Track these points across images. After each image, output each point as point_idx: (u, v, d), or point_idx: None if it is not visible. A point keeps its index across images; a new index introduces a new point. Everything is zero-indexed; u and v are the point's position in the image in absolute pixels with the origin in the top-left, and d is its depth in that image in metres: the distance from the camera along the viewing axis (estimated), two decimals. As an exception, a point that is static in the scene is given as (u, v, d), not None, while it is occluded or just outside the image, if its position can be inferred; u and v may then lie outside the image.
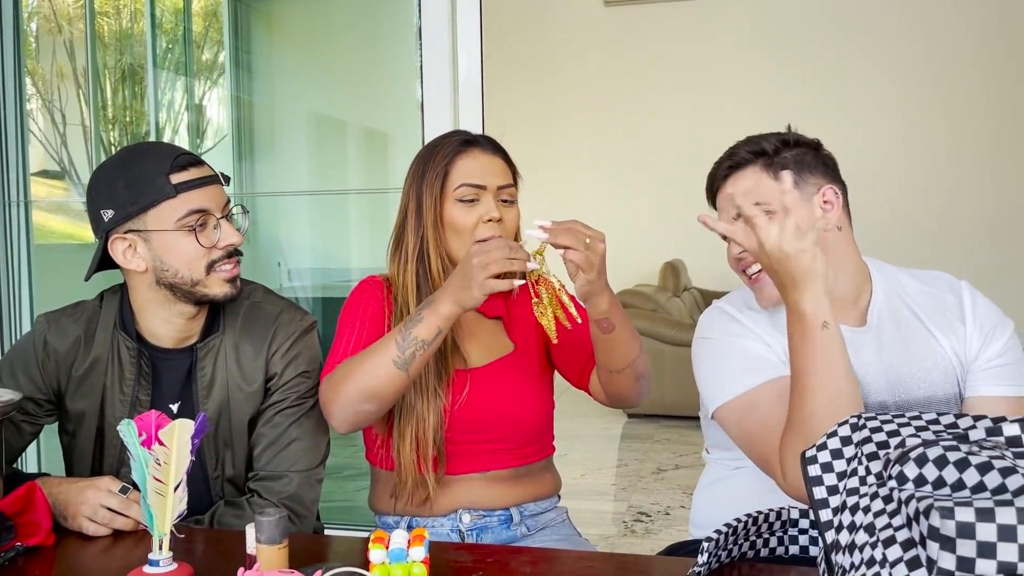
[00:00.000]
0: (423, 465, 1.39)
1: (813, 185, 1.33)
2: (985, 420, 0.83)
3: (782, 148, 1.35)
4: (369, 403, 1.27)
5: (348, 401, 1.27)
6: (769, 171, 1.33)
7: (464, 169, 1.41)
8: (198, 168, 1.33)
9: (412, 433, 1.38)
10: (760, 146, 1.35)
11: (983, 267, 6.51)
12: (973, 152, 6.58)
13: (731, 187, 1.36)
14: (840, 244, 1.33)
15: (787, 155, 1.34)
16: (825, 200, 1.33)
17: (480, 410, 1.42)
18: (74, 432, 1.40)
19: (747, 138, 1.39)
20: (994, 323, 1.34)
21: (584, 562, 1.12)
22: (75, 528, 1.22)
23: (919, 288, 1.38)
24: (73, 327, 1.39)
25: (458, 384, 1.42)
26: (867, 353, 1.32)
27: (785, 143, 1.35)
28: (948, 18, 6.53)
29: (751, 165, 1.35)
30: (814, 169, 1.34)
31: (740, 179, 1.35)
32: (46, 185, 3.65)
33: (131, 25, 3.80)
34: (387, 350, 1.26)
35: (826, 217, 1.31)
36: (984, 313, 1.35)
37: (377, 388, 1.26)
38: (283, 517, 0.99)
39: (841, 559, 0.85)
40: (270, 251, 3.54)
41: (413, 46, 2.31)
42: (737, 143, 1.39)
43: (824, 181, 1.34)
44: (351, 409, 1.28)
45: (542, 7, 7.20)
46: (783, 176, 1.26)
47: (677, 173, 7.04)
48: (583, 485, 3.91)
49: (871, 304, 1.35)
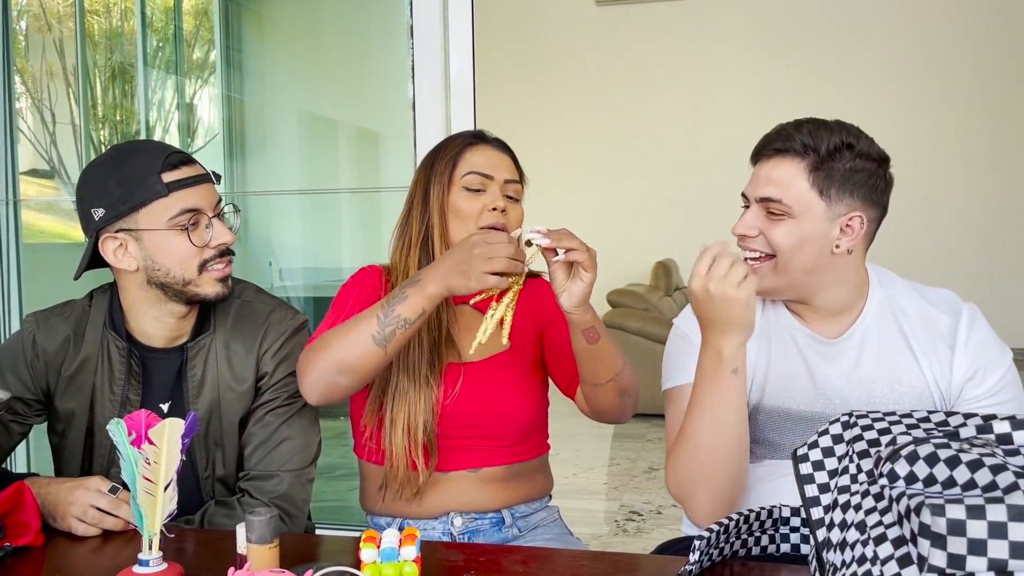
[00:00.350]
0: (413, 452, 1.38)
1: (845, 206, 1.25)
2: (975, 418, 0.84)
3: (839, 154, 1.25)
4: (343, 376, 1.25)
5: (323, 371, 1.26)
6: (811, 175, 1.24)
7: (473, 160, 1.44)
8: (190, 167, 1.33)
9: (404, 421, 1.38)
10: (818, 143, 1.25)
11: (984, 267, 6.55)
12: (970, 151, 6.61)
13: (768, 168, 1.28)
14: (842, 266, 1.28)
15: (839, 164, 1.24)
16: (848, 225, 1.26)
17: (472, 405, 1.42)
18: (63, 432, 1.39)
19: (814, 122, 1.28)
20: (989, 358, 1.28)
21: (575, 561, 1.12)
22: (64, 528, 1.21)
23: (917, 307, 1.33)
24: (62, 326, 1.38)
25: (451, 377, 1.42)
26: (843, 363, 1.31)
27: (849, 147, 1.25)
28: (944, 17, 6.57)
29: (797, 157, 1.26)
30: (857, 190, 1.25)
31: (780, 166, 1.27)
32: (35, 184, 3.63)
33: (121, 23, 3.79)
34: (367, 325, 1.24)
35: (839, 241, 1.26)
36: (979, 345, 1.29)
37: (353, 362, 1.24)
38: (274, 517, 0.99)
39: (832, 557, 0.86)
40: (261, 251, 3.53)
41: (405, 45, 2.31)
42: (804, 123, 1.28)
43: (858, 207, 1.25)
44: (324, 380, 1.26)
45: (534, 7, 7.21)
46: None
47: (669, 172, 7.07)
48: (575, 484, 3.91)
49: (859, 317, 1.32)
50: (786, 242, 1.26)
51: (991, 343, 1.30)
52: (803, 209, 1.25)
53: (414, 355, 1.40)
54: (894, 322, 1.33)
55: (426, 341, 1.41)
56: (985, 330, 1.31)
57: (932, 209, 6.58)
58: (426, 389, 1.38)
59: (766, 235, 1.28)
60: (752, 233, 1.29)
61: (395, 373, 1.40)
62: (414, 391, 1.38)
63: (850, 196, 1.26)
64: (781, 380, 1.33)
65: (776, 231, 1.26)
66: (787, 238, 1.26)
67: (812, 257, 1.26)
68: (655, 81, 7.04)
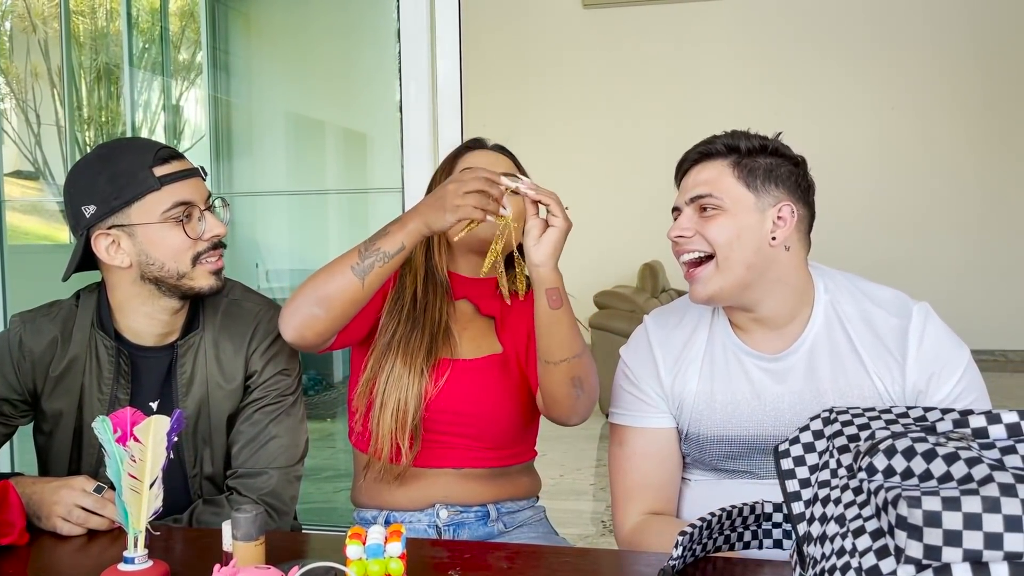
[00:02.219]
0: (400, 436, 1.40)
1: (773, 197, 1.28)
2: (953, 413, 0.85)
3: (758, 152, 1.31)
4: (319, 307, 1.27)
5: (301, 302, 1.28)
6: (735, 169, 1.29)
7: (469, 159, 1.48)
8: (179, 161, 1.33)
9: (394, 404, 1.40)
10: (737, 143, 1.31)
11: (959, 267, 6.61)
12: (947, 153, 6.68)
13: (695, 174, 1.33)
14: (782, 264, 1.29)
15: (760, 160, 1.30)
16: (779, 216, 1.28)
17: (456, 402, 1.42)
18: (51, 432, 1.39)
19: (732, 131, 1.35)
20: (944, 361, 1.26)
21: (560, 557, 1.13)
22: (49, 528, 1.21)
23: (864, 311, 1.31)
24: (49, 327, 1.38)
25: (440, 372, 1.43)
26: (792, 378, 1.30)
27: (763, 148, 1.31)
28: (928, 22, 6.63)
29: (721, 158, 1.31)
30: (781, 183, 1.29)
31: (705, 168, 1.32)
32: (20, 186, 3.62)
33: (107, 24, 3.78)
34: (349, 258, 1.27)
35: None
36: (932, 349, 1.26)
37: (330, 292, 1.26)
38: (260, 514, 0.99)
39: (812, 550, 0.87)
40: (248, 252, 3.53)
41: (392, 47, 2.31)
42: (720, 133, 1.35)
43: (785, 198, 1.29)
44: (302, 311, 1.28)
45: (521, 9, 7.22)
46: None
47: (655, 174, 7.06)
48: (562, 485, 3.92)
49: (806, 328, 1.31)
50: (723, 236, 1.27)
51: (946, 342, 1.28)
52: (733, 201, 1.27)
53: (414, 342, 1.42)
54: (840, 329, 1.31)
55: (427, 332, 1.43)
56: (939, 329, 1.29)
57: (907, 210, 6.64)
58: (419, 377, 1.41)
59: (702, 233, 1.28)
60: (688, 234, 1.29)
61: (392, 357, 1.42)
62: (408, 377, 1.40)
63: (776, 188, 1.29)
64: (728, 407, 1.32)
65: (711, 227, 1.28)
66: (723, 232, 1.27)
67: (751, 249, 1.27)
68: (642, 84, 7.06)
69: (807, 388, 1.29)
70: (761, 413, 1.30)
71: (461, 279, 1.50)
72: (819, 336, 1.31)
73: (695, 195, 1.30)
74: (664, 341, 1.39)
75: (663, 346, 1.38)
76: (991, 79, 6.55)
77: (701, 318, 1.39)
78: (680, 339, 1.38)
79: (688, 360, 1.35)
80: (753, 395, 1.31)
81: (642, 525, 1.33)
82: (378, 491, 1.47)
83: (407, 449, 1.40)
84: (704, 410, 1.33)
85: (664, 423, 1.36)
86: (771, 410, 1.30)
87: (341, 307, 1.28)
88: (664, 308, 1.46)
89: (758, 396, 1.31)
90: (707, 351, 1.36)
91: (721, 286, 1.28)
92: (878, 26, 6.66)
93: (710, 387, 1.33)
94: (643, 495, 1.35)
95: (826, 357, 1.30)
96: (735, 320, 1.35)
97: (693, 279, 1.31)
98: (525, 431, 1.51)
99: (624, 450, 1.38)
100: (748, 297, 1.30)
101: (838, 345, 1.30)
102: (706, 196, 1.28)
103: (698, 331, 1.37)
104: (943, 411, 0.87)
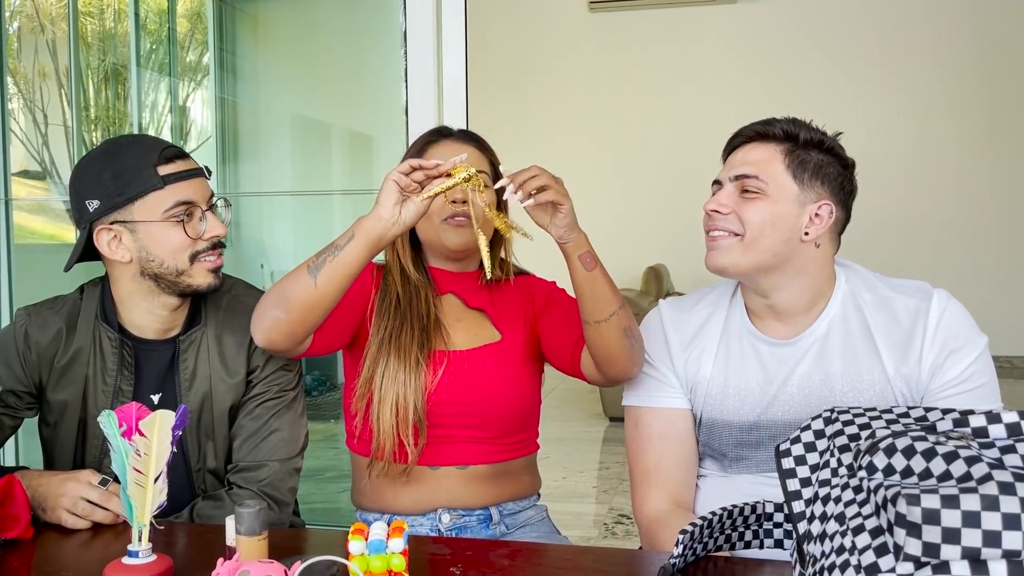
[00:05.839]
0: (403, 431, 1.39)
1: (816, 194, 1.27)
2: (953, 412, 0.85)
3: (814, 145, 1.29)
4: (279, 308, 1.27)
5: (265, 306, 1.29)
6: (787, 158, 1.28)
7: (435, 151, 1.46)
8: (184, 160, 1.35)
9: (392, 399, 1.40)
10: (797, 131, 1.29)
11: (969, 272, 6.59)
12: (956, 158, 6.67)
13: (745, 151, 1.31)
14: (807, 258, 1.29)
15: (813, 154, 1.28)
16: (817, 213, 1.28)
17: (459, 392, 1.43)
18: (56, 424, 1.40)
19: (793, 118, 1.32)
20: (964, 339, 1.26)
21: (561, 555, 1.14)
22: (54, 521, 1.22)
23: (883, 298, 1.31)
24: (54, 319, 1.39)
25: (437, 364, 1.44)
26: (803, 364, 1.30)
27: (820, 143, 1.29)
28: (936, 24, 6.62)
29: (776, 142, 1.29)
30: (828, 182, 1.28)
31: (757, 149, 1.30)
32: (27, 185, 3.63)
33: (115, 25, 3.79)
34: (307, 259, 1.28)
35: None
36: (952, 326, 1.27)
37: (288, 293, 1.27)
38: (263, 509, 1.00)
39: (812, 548, 0.87)
40: (253, 253, 3.54)
41: (398, 49, 2.32)
42: (780, 118, 1.32)
43: (828, 197, 1.28)
44: (265, 314, 1.29)
45: (527, 12, 7.24)
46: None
47: (660, 177, 7.09)
48: (564, 487, 3.92)
49: (822, 314, 1.31)
50: (758, 219, 1.26)
51: (963, 325, 1.28)
52: (776, 188, 1.27)
53: (405, 337, 1.42)
54: (857, 315, 1.31)
55: (416, 326, 1.44)
56: (960, 310, 1.29)
57: (920, 215, 6.63)
58: (416, 370, 1.41)
59: (738, 214, 1.28)
60: (724, 210, 1.29)
61: (386, 353, 1.42)
62: (404, 372, 1.40)
63: (821, 185, 1.28)
64: (741, 392, 1.33)
65: (749, 209, 1.27)
66: (759, 215, 1.26)
67: (781, 239, 1.27)
68: (647, 87, 7.07)
69: (816, 372, 1.30)
70: (770, 397, 1.31)
71: (444, 273, 1.51)
72: (834, 322, 1.31)
73: (741, 173, 1.29)
74: (677, 322, 1.39)
75: (676, 327, 1.38)
76: (997, 84, 6.55)
77: (719, 303, 1.39)
78: (694, 322, 1.38)
79: (702, 344, 1.36)
80: (765, 380, 1.32)
81: (665, 519, 1.32)
82: (381, 493, 1.47)
83: (412, 445, 1.40)
84: (718, 395, 1.34)
85: (679, 404, 1.36)
86: (780, 394, 1.31)
87: (299, 308, 1.26)
88: (680, 297, 1.47)
89: (770, 381, 1.32)
90: (723, 337, 1.36)
91: (738, 261, 1.28)
92: (885, 31, 6.66)
93: (724, 372, 1.34)
94: (659, 477, 1.35)
95: (838, 343, 1.30)
96: (751, 305, 1.36)
97: (713, 245, 1.30)
98: (528, 418, 1.52)
99: (640, 431, 1.38)
100: (766, 282, 1.30)
101: (852, 331, 1.30)
102: (752, 177, 1.28)
103: (714, 316, 1.38)
104: (943, 411, 0.87)
